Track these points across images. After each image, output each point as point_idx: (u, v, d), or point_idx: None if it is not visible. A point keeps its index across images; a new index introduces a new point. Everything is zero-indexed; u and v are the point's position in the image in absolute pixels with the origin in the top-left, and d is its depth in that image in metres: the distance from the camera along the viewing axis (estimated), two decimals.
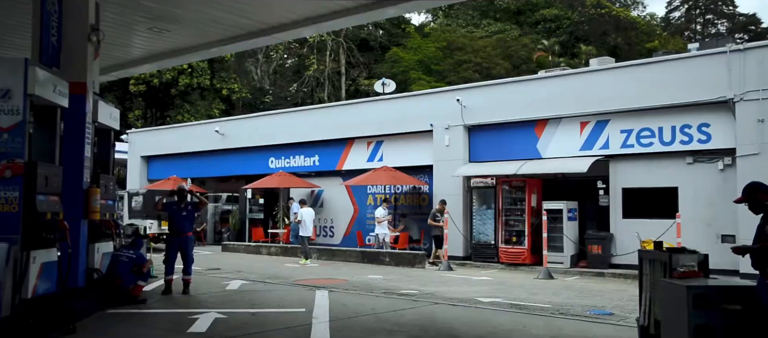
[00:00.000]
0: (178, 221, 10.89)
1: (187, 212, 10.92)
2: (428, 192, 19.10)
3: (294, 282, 12.72)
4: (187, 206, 10.96)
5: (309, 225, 17.98)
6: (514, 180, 16.68)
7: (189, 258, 10.94)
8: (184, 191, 11.07)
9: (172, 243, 10.92)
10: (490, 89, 17.84)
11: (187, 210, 10.92)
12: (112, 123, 10.26)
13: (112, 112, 10.22)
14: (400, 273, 15.18)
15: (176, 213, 10.91)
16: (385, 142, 19.94)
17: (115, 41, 12.23)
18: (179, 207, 10.93)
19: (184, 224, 10.91)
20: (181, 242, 10.87)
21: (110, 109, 10.23)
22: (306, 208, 18.53)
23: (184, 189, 11.10)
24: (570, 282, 13.66)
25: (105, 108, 9.98)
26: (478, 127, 17.77)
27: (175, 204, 11.03)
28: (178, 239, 10.86)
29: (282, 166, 22.37)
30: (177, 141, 25.96)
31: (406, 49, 50.76)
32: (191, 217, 11.04)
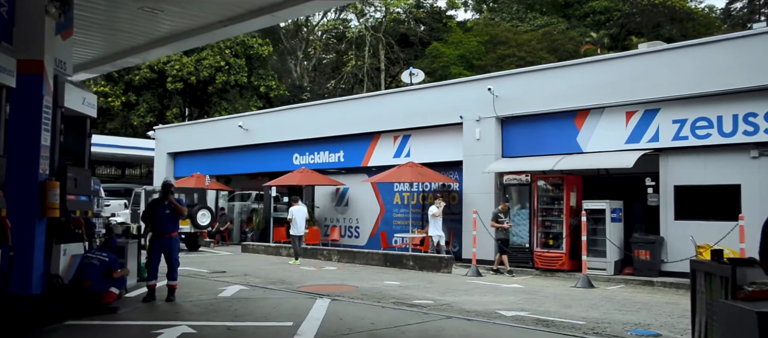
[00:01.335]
0: (161, 220, 9.76)
1: (170, 211, 9.78)
2: (458, 189, 17.59)
3: (297, 289, 11.45)
4: (171, 204, 9.81)
5: (300, 224, 16.98)
6: (552, 177, 15.04)
7: (174, 261, 9.82)
8: (169, 187, 9.92)
9: (154, 244, 9.80)
10: (525, 77, 16.20)
11: (170, 208, 9.78)
12: (86, 109, 9.19)
13: (86, 97, 9.15)
14: (422, 278, 13.75)
15: (159, 212, 9.80)
16: (413, 136, 18.52)
17: (102, 26, 11.21)
18: (162, 206, 9.81)
19: (167, 224, 9.79)
20: (165, 243, 9.76)
21: (83, 93, 9.16)
22: (297, 206, 17.37)
23: (169, 185, 9.95)
24: (612, 292, 11.97)
25: (76, 92, 8.91)
26: (512, 118, 16.17)
27: (158, 201, 9.93)
28: (161, 240, 9.73)
29: (306, 163, 21.21)
30: (202, 137, 25.15)
31: (447, 44, 49.17)
32: (176, 216, 9.88)
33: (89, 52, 13.42)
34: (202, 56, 39.28)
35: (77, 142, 9.24)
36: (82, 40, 12.12)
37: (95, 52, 13.42)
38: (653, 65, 13.85)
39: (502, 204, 15.21)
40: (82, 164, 9.26)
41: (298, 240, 17.25)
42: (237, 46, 41.24)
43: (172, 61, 38.21)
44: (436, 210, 15.63)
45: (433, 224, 15.70)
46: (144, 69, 38.44)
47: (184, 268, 14.57)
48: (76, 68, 14.46)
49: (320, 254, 17.84)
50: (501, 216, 14.97)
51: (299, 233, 17.14)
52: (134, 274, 10.96)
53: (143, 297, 9.62)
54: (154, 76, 38.86)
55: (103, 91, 39.34)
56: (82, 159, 9.26)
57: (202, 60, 38.97)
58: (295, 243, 17.07)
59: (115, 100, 39.69)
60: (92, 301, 8.36)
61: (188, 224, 19.38)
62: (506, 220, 14.94)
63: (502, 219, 14.91)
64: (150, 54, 14.59)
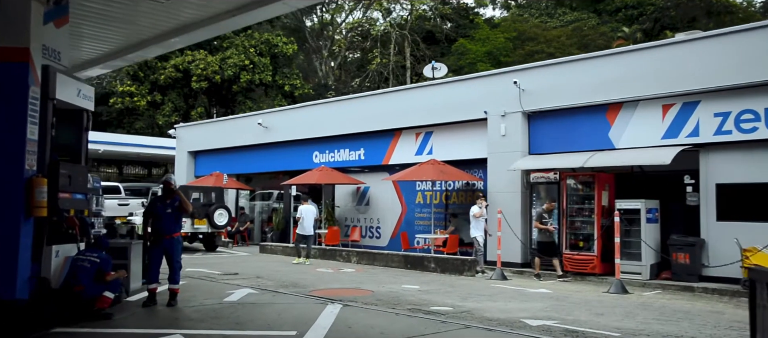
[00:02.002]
0: (162, 220, 9.19)
1: (172, 209, 9.19)
2: (482, 188, 16.78)
3: (309, 293, 10.80)
4: (173, 202, 9.24)
5: (307, 224, 16.60)
6: (582, 175, 14.15)
7: (176, 263, 9.24)
8: (171, 184, 9.34)
9: (155, 245, 9.23)
10: (553, 69, 15.31)
11: (173, 207, 9.20)
12: (82, 102, 8.65)
13: (81, 89, 8.61)
14: (443, 282, 13.00)
15: (160, 211, 9.22)
16: (435, 132, 17.76)
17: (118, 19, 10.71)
18: (164, 204, 9.23)
19: (169, 224, 9.21)
20: (166, 245, 9.18)
21: (79, 85, 8.62)
22: (306, 205, 17.00)
23: (171, 182, 9.36)
24: (648, 299, 11.07)
25: (70, 83, 8.38)
26: (539, 113, 15.31)
27: (159, 199, 9.36)
28: (162, 241, 9.16)
29: (326, 161, 20.59)
30: (223, 135, 24.73)
31: (474, 41, 48.22)
32: (178, 215, 9.29)
33: (104, 46, 12.96)
34: (226, 55, 39.07)
35: (73, 137, 8.71)
36: (97, 34, 11.72)
37: (109, 46, 12.96)
38: (692, 54, 12.88)
39: (548, 203, 13.96)
40: (79, 160, 8.72)
41: (305, 239, 16.84)
42: (262, 44, 40.94)
43: (197, 60, 38.07)
44: (477, 210, 14.55)
45: (474, 225, 14.55)
46: (169, 68, 38.35)
47: (196, 269, 14.10)
48: (91, 63, 14.13)
49: (339, 255, 17.20)
50: (545, 216, 13.75)
51: (306, 232, 16.74)
52: (138, 277, 10.42)
53: (143, 302, 9.07)
54: (179, 76, 38.74)
55: (129, 91, 39.40)
56: (78, 155, 8.72)
57: (226, 59, 38.74)
58: (300, 242, 16.76)
59: (141, 100, 39.69)
60: (85, 306, 7.83)
61: (205, 224, 18.92)
62: (550, 222, 13.77)
63: (546, 220, 13.71)
64: (161, 47, 14.11)
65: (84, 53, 13.35)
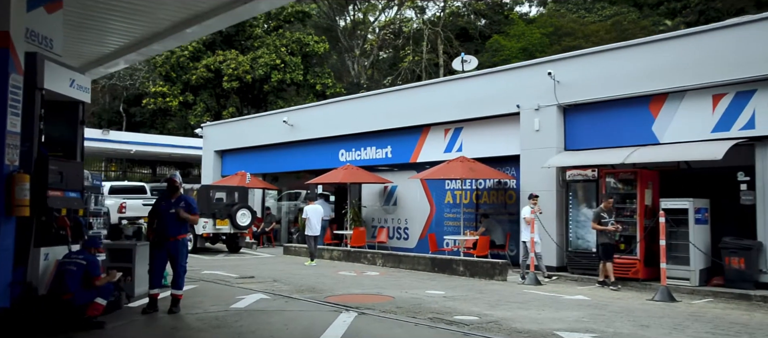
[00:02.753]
0: (165, 220, 8.54)
1: (176, 210, 8.52)
2: (515, 187, 15.82)
3: (324, 299, 10.03)
4: (179, 202, 8.57)
5: (314, 224, 16.26)
6: (623, 172, 13.09)
7: (180, 267, 8.58)
8: (175, 182, 8.68)
9: (157, 248, 8.58)
10: (591, 59, 14.26)
11: (177, 207, 8.53)
12: (77, 93, 8.07)
13: (75, 79, 8.02)
14: (471, 286, 12.11)
15: (163, 211, 8.57)
16: (465, 128, 16.85)
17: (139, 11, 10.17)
18: (168, 203, 8.57)
19: (173, 225, 8.54)
20: (170, 247, 8.54)
21: (72, 74, 8.03)
22: (313, 205, 16.76)
23: (176, 180, 8.70)
24: (699, 308, 9.99)
25: (61, 73, 7.79)
26: (576, 106, 14.28)
27: (163, 198, 8.70)
28: (165, 244, 8.50)
29: (352, 159, 19.86)
30: (248, 134, 24.23)
31: (509, 37, 47.02)
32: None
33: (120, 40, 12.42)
34: (257, 55, 38.79)
35: (67, 131, 8.15)
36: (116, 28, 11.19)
37: (126, 39, 12.43)
38: (746, 39, 11.70)
39: (606, 201, 12.42)
40: (74, 156, 8.15)
41: (313, 240, 16.38)
42: (293, 43, 40.56)
43: (228, 60, 37.86)
44: (529, 214, 13.36)
45: (526, 229, 13.42)
46: (201, 68, 38.24)
47: (213, 272, 13.53)
48: (109, 57, 13.62)
49: (364, 257, 16.43)
50: (604, 216, 12.26)
51: (313, 233, 16.33)
52: (144, 280, 9.81)
53: (143, 308, 8.44)
54: (210, 76, 38.59)
55: (161, 91, 39.43)
56: (73, 150, 8.15)
57: (257, 58, 38.44)
58: (310, 244, 16.36)
59: (173, 100, 39.66)
60: (74, 315, 7.21)
61: (227, 224, 18.37)
62: (611, 221, 12.32)
63: (605, 220, 12.23)
64: (176, 38, 13.56)
65: (107, 48, 12.89)
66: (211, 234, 18.35)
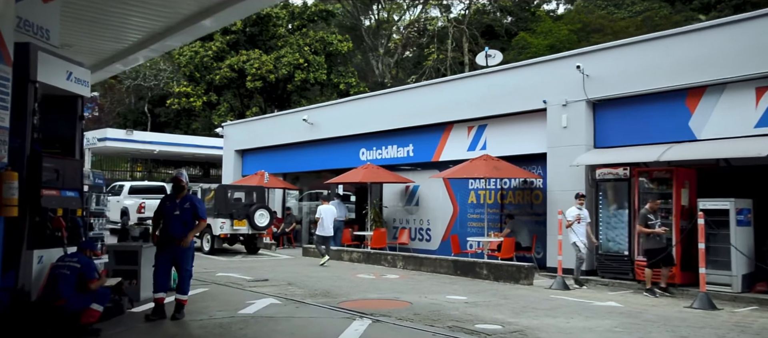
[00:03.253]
0: (170, 222, 8.06)
1: (181, 211, 8.03)
2: (541, 187, 15.12)
3: (338, 305, 9.49)
4: (184, 202, 8.08)
5: (326, 224, 15.98)
6: (657, 170, 12.33)
7: (185, 272, 8.10)
8: (181, 181, 8.19)
9: (161, 252, 8.12)
10: (623, 51, 13.49)
11: (182, 208, 8.04)
12: (75, 86, 7.64)
13: (73, 72, 7.58)
14: (495, 292, 11.46)
15: (168, 212, 8.09)
16: (489, 126, 16.18)
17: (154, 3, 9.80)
18: (173, 204, 8.09)
19: (177, 226, 8.04)
20: (175, 251, 8.04)
21: (70, 66, 7.57)
22: (326, 205, 16.49)
23: (181, 179, 8.20)
24: (742, 317, 9.23)
25: (57, 65, 7.37)
26: (606, 101, 13.53)
27: (168, 198, 8.23)
28: (169, 247, 8.02)
29: (373, 158, 19.32)
30: (269, 133, 23.85)
31: (535, 34, 46.12)
32: (188, 218, 8.08)
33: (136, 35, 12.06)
34: (281, 54, 38.55)
35: (65, 127, 7.73)
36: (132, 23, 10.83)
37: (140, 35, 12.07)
38: None
39: (651, 202, 11.50)
40: (73, 153, 7.73)
41: (324, 240, 16.13)
42: (316, 43, 40.27)
43: (252, 59, 37.68)
44: (575, 215, 12.51)
45: (572, 232, 12.54)
46: (224, 68, 38.14)
47: (227, 274, 13.09)
48: (124, 53, 13.29)
49: (384, 260, 15.88)
50: (651, 217, 11.34)
51: (326, 233, 16.10)
52: (150, 284, 9.39)
53: (146, 314, 7.99)
54: (234, 75, 38.47)
55: (185, 92, 39.41)
56: (71, 147, 7.73)
57: (281, 58, 38.20)
58: (320, 244, 16.15)
59: (197, 100, 39.62)
60: (68, 322, 6.78)
61: (245, 225, 17.96)
62: (658, 223, 11.39)
63: (652, 221, 11.33)
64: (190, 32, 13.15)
65: (122, 44, 12.56)
66: (229, 235, 17.96)
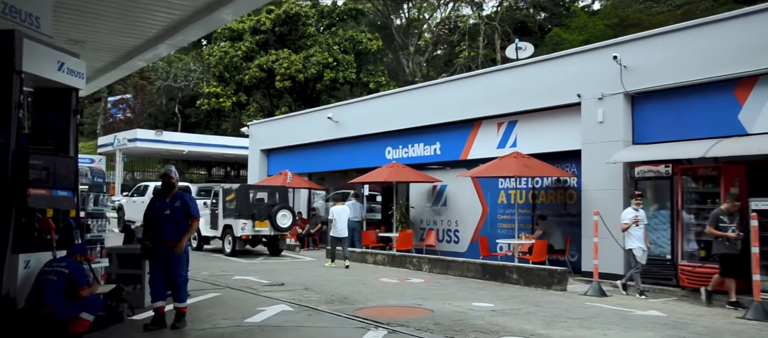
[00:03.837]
0: (161, 223, 7.43)
1: (172, 210, 7.42)
2: (576, 186, 14.24)
3: (353, 312, 8.83)
4: (174, 201, 7.49)
5: (340, 225, 15.65)
6: (702, 167, 11.37)
7: (179, 276, 7.46)
8: (171, 178, 7.59)
9: (153, 255, 7.49)
10: (664, 39, 12.54)
11: (173, 207, 7.44)
12: (68, 78, 7.13)
13: (65, 62, 7.06)
14: (526, 298, 10.67)
15: (158, 212, 7.48)
16: (520, 122, 15.36)
17: None
18: (163, 203, 7.50)
19: (169, 228, 7.41)
20: (166, 254, 7.39)
21: (61, 56, 7.06)
22: (339, 205, 16.25)
23: (171, 176, 7.59)
24: None
25: (47, 54, 6.87)
26: (646, 94, 12.60)
27: (158, 198, 7.66)
28: (161, 249, 7.42)
29: (399, 157, 18.65)
30: (294, 132, 23.36)
31: (570, 30, 44.84)
32: (180, 217, 7.47)
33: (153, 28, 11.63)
34: (310, 53, 38.21)
35: (58, 122, 7.24)
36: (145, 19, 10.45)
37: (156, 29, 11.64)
38: None
39: (729, 203, 10.15)
40: (66, 149, 7.23)
41: (339, 241, 15.78)
42: (346, 41, 39.85)
43: (281, 59, 37.41)
44: (631, 217, 11.29)
45: (629, 236, 11.33)
46: (253, 68, 37.96)
47: (244, 278, 12.57)
48: (141, 48, 12.91)
49: (409, 263, 15.18)
50: (724, 219, 10.07)
51: (339, 234, 15.72)
52: None
53: (145, 324, 7.42)
54: (263, 75, 38.28)
55: (214, 92, 39.34)
56: (65, 143, 7.23)
57: (310, 57, 37.85)
58: (335, 245, 15.90)
59: (226, 101, 39.51)
60: (57, 331, 6.27)
61: (267, 226, 17.45)
62: (733, 227, 10.03)
63: (725, 224, 10.03)
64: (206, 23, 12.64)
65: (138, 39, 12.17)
66: (251, 236, 17.46)
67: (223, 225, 17.87)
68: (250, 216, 17.32)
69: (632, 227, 11.25)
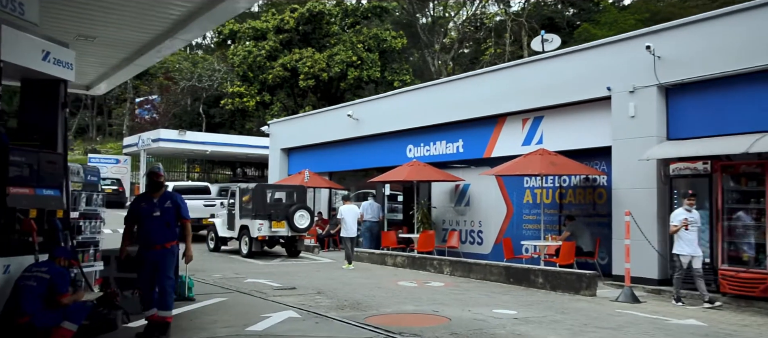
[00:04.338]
0: (148, 225, 6.86)
1: (162, 211, 6.85)
2: (606, 184, 13.44)
3: (364, 320, 8.23)
4: (163, 202, 6.92)
5: (350, 225, 15.46)
6: (745, 164, 10.49)
7: (167, 280, 6.88)
8: (158, 178, 7.02)
9: (142, 261, 6.91)
10: (701, 27, 11.67)
11: (162, 207, 6.88)
12: (55, 69, 6.66)
13: (50, 51, 6.58)
14: (552, 304, 9.96)
15: (144, 213, 6.90)
16: (546, 117, 14.60)
17: None
18: (150, 203, 6.92)
19: (158, 230, 6.84)
20: (155, 259, 6.83)
21: (46, 45, 6.57)
22: (348, 205, 16.05)
23: (159, 174, 7.03)
24: None
25: (30, 43, 6.40)
26: (682, 86, 11.76)
27: (143, 198, 7.07)
28: (149, 254, 6.85)
29: (421, 155, 18.00)
30: (314, 130, 22.86)
31: (599, 25, 43.70)
32: (171, 220, 6.89)
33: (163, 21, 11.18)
34: (333, 52, 37.81)
35: (45, 116, 6.77)
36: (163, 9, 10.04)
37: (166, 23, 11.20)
38: None
39: None
40: (53, 146, 6.77)
41: (350, 242, 15.52)
42: (370, 40, 39.37)
43: (304, 58, 37.08)
44: (682, 219, 10.24)
45: (679, 240, 10.31)
46: (277, 67, 37.71)
47: (256, 281, 12.07)
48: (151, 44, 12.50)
49: (430, 265, 14.54)
50: None
51: (349, 234, 15.51)
52: None
53: (138, 333, 6.92)
54: (287, 75, 37.99)
55: (238, 92, 39.17)
56: (52, 139, 6.77)
57: (333, 56, 37.44)
58: (347, 247, 15.59)
59: (250, 100, 39.30)
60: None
61: (284, 226, 16.96)
62: None
63: None
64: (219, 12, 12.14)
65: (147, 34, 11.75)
66: (268, 237, 16.98)
67: (239, 226, 17.44)
68: (267, 217, 16.85)
69: (682, 230, 10.25)
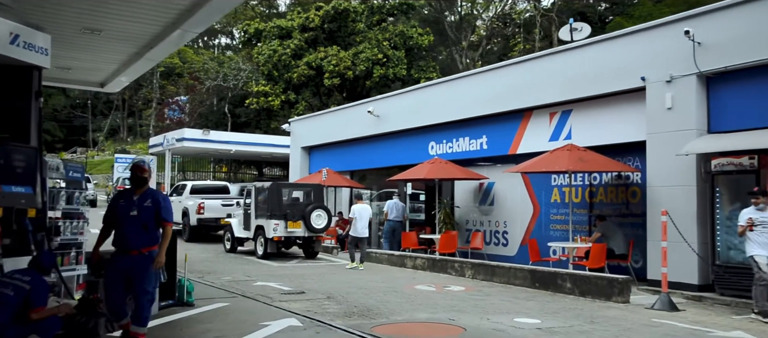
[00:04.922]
0: (124, 227, 6.12)
1: (140, 210, 6.10)
2: (640, 182, 12.51)
3: (370, 329, 7.52)
4: (144, 200, 6.17)
5: (360, 225, 14.90)
6: None
7: (144, 293, 6.13)
8: (143, 172, 6.25)
9: (113, 265, 6.16)
10: (747, 9, 10.63)
11: (141, 206, 6.13)
12: (26, 54, 6.11)
13: (20, 34, 6.04)
14: (580, 312, 9.11)
15: (121, 212, 6.16)
16: (575, 111, 13.71)
17: None
18: (129, 201, 6.18)
19: (134, 232, 6.09)
20: (129, 265, 6.09)
21: (16, 27, 6.03)
22: (360, 205, 15.45)
23: (145, 168, 6.30)
24: None
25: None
26: (724, 74, 10.78)
27: (123, 195, 6.36)
28: (123, 259, 6.11)
29: (443, 152, 17.22)
30: (335, 128, 22.25)
31: (633, 19, 42.13)
32: (149, 221, 6.14)
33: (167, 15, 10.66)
34: (359, 50, 37.23)
35: (17, 106, 6.21)
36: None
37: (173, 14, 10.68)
38: None
39: None
40: (26, 138, 6.21)
41: (360, 242, 14.99)
42: (396, 37, 38.71)
43: (329, 56, 36.59)
44: (750, 217, 9.10)
45: (753, 238, 9.04)
46: (302, 66, 37.27)
47: (265, 283, 11.46)
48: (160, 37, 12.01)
49: (451, 267, 13.76)
50: None
51: (359, 234, 14.95)
52: None
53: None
54: (312, 73, 37.53)
55: (263, 91, 38.86)
56: (25, 131, 6.20)
57: (359, 54, 36.86)
58: (353, 246, 15.12)
59: (275, 100, 38.95)
60: None
61: (301, 227, 16.35)
62: None
63: None
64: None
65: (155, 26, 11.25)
66: (283, 238, 16.38)
67: (255, 226, 16.90)
68: (283, 217, 16.25)
69: (748, 231, 9.08)
